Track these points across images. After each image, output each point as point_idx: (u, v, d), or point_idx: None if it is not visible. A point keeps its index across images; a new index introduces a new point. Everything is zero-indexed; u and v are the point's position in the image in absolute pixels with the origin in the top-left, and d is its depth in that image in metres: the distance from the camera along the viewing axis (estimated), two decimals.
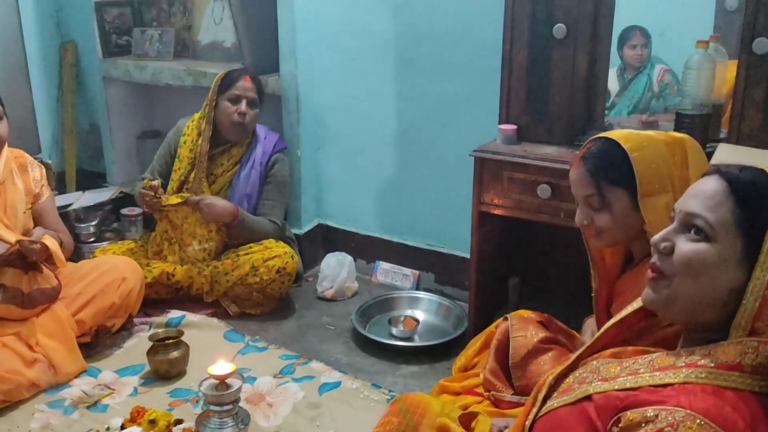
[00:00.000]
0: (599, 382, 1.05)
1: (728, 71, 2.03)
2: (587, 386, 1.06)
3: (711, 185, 1.02)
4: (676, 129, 2.02)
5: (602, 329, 1.19)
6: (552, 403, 1.12)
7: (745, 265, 0.98)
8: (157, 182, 2.62)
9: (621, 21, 2.27)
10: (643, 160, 1.40)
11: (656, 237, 1.06)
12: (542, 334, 1.72)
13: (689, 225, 1.02)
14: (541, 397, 1.17)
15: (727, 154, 1.81)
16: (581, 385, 1.08)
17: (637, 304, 1.14)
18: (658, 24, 2.41)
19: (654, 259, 1.06)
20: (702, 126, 1.97)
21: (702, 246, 1.00)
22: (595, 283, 1.62)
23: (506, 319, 1.79)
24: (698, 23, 2.29)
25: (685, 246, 1.01)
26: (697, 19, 2.30)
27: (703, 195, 1.02)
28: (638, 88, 2.50)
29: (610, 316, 1.58)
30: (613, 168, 1.43)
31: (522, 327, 1.74)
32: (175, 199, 2.63)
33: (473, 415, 1.53)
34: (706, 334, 1.02)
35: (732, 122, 1.90)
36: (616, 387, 1.02)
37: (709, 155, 1.85)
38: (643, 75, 2.49)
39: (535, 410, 1.16)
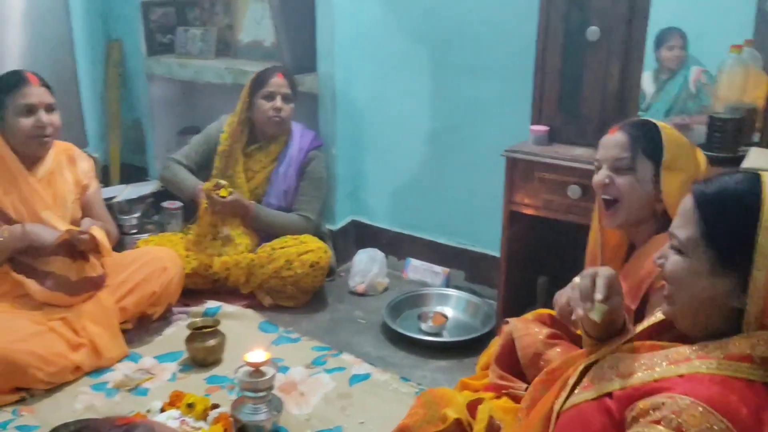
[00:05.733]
0: (618, 379, 1.09)
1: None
2: (607, 383, 1.10)
3: (685, 203, 1.10)
4: (709, 132, 2.02)
5: (630, 335, 1.22)
6: (574, 399, 1.16)
7: (720, 272, 1.04)
8: (224, 183, 2.72)
9: (658, 22, 2.27)
10: (671, 136, 1.60)
11: (656, 255, 1.15)
12: (546, 330, 1.75)
13: (672, 242, 1.11)
14: (571, 382, 1.20)
15: (758, 157, 1.82)
16: (601, 382, 1.12)
17: (661, 315, 1.18)
18: (696, 26, 2.40)
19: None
20: (734, 130, 1.97)
21: (677, 259, 1.09)
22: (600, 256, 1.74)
23: (507, 323, 1.82)
24: (737, 26, 2.28)
25: (668, 261, 1.11)
26: (736, 22, 2.29)
27: (680, 212, 1.11)
28: (674, 90, 2.49)
29: None
30: (648, 139, 1.61)
31: (524, 327, 1.77)
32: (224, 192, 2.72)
33: (479, 402, 1.56)
34: (721, 338, 1.05)
35: (765, 126, 1.90)
36: (635, 382, 1.06)
37: (741, 159, 1.86)
38: (679, 76, 2.48)
39: (564, 394, 1.20)
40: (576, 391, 1.18)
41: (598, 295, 1.14)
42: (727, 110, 1.97)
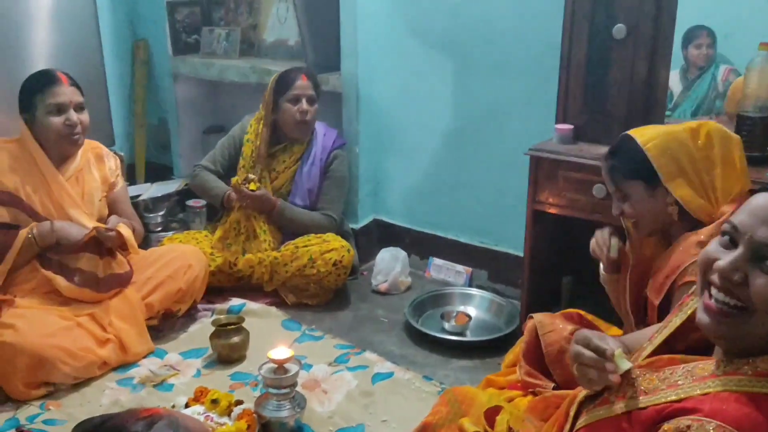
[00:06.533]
0: (641, 397, 1.04)
1: None
2: (629, 401, 1.05)
3: None
4: (737, 131, 1.99)
5: (645, 351, 1.18)
6: (588, 417, 1.12)
7: None
8: (253, 177, 2.76)
9: (687, 20, 2.24)
10: (657, 148, 1.60)
11: (725, 266, 0.96)
12: (570, 326, 1.76)
13: (763, 256, 0.94)
14: (572, 412, 1.17)
15: None
16: (620, 399, 1.07)
17: (679, 320, 1.14)
18: (725, 24, 2.37)
19: (721, 291, 0.98)
20: (763, 128, 1.94)
21: None
22: (632, 257, 1.75)
23: (531, 317, 1.83)
24: (766, 24, 2.25)
25: (763, 280, 0.93)
26: (765, 20, 2.26)
27: None
28: (702, 88, 2.46)
29: (638, 295, 1.72)
30: (626, 163, 1.65)
31: (549, 323, 1.79)
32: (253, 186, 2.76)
33: (498, 409, 1.55)
34: (748, 355, 0.98)
35: None
36: (656, 401, 1.01)
37: None
38: (708, 75, 2.45)
39: (568, 426, 1.17)
40: (589, 406, 1.14)
41: (609, 352, 1.09)
42: (755, 109, 1.94)
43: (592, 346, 1.11)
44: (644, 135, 1.63)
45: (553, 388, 1.70)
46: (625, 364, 1.09)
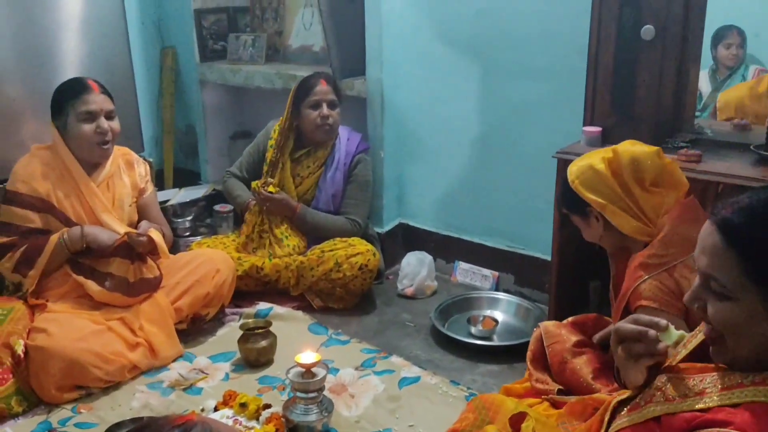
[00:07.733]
0: (667, 403, 1.04)
1: None
2: (654, 406, 1.05)
3: (711, 239, 0.99)
4: None
5: (680, 356, 1.18)
6: (620, 422, 1.12)
7: None
8: (272, 181, 2.82)
9: (716, 20, 2.22)
10: (583, 184, 1.72)
11: (686, 298, 1.06)
12: (575, 338, 1.79)
13: (708, 285, 1.00)
14: (607, 418, 1.17)
15: None
16: (648, 404, 1.07)
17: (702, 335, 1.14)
18: (755, 23, 2.34)
19: (701, 320, 1.07)
20: None
21: (727, 306, 0.98)
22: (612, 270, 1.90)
23: (538, 327, 1.89)
24: None
25: (714, 307, 1.00)
26: None
27: (708, 251, 0.99)
28: None
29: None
30: (565, 199, 1.82)
31: (555, 334, 1.83)
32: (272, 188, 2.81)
33: (523, 416, 1.55)
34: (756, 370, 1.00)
35: None
36: (685, 408, 1.01)
37: None
38: (737, 75, 2.42)
39: (603, 428, 1.17)
40: (622, 411, 1.14)
41: (662, 323, 1.10)
42: None
43: (642, 321, 1.12)
44: (572, 171, 1.74)
45: (558, 392, 1.71)
46: (676, 333, 1.10)
